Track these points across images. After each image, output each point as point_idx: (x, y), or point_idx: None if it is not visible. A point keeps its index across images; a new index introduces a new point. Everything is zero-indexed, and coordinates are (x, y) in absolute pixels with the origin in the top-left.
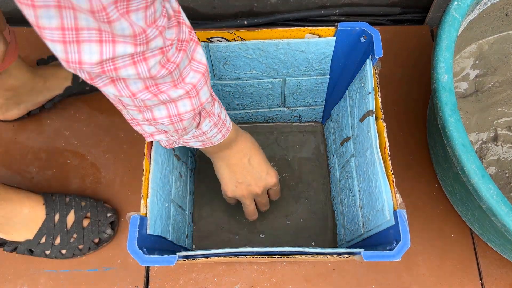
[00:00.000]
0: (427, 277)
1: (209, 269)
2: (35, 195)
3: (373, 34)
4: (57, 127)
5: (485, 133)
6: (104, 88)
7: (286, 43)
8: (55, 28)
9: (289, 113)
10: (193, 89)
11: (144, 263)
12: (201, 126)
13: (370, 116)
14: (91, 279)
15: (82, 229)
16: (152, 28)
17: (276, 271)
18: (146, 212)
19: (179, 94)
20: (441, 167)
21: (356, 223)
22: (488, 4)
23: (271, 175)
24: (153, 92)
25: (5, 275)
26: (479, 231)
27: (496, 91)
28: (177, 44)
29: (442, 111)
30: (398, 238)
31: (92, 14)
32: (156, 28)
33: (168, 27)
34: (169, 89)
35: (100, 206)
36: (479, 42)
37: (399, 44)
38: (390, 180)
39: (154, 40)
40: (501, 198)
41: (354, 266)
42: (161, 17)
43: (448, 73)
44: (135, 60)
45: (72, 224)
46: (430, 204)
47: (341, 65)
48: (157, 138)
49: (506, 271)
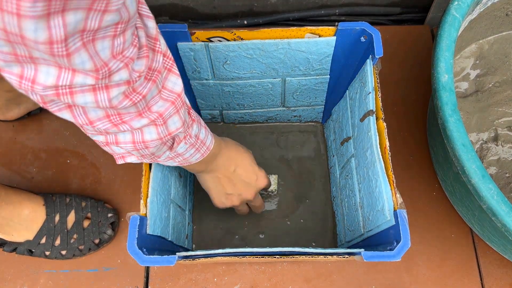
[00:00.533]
0: (427, 277)
1: (209, 269)
2: (35, 196)
3: (373, 34)
4: (57, 127)
5: (486, 133)
6: (59, 113)
7: (286, 43)
8: (6, 53)
9: (289, 113)
10: (159, 118)
11: (144, 263)
12: (176, 149)
13: (370, 116)
14: (91, 279)
15: (83, 229)
16: (116, 61)
17: (276, 271)
18: (146, 212)
19: (142, 124)
20: (441, 167)
21: (356, 223)
22: (488, 4)
23: (260, 179)
24: (113, 122)
25: (5, 275)
26: (479, 231)
27: (496, 91)
28: (146, 73)
29: (443, 111)
30: (398, 238)
31: (50, 45)
32: (122, 60)
33: (137, 57)
34: (132, 119)
35: (101, 207)
36: (480, 42)
37: (399, 44)
38: (391, 180)
39: (118, 73)
40: (502, 198)
41: (354, 266)
42: (130, 47)
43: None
44: (96, 87)
45: (72, 224)
46: (430, 204)
47: (341, 65)
48: (128, 160)
49: (507, 271)
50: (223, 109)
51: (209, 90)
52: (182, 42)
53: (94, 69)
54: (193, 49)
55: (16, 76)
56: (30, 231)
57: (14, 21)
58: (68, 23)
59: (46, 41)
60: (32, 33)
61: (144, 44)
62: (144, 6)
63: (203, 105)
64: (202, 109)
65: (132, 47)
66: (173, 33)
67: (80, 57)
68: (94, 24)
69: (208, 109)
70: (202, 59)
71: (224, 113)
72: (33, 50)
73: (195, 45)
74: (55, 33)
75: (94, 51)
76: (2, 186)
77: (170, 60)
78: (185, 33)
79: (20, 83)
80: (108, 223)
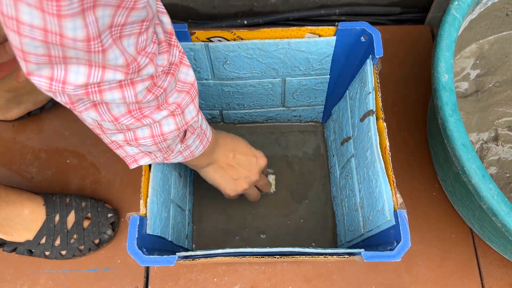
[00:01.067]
0: (427, 277)
1: (209, 269)
2: (36, 196)
3: (373, 34)
4: (57, 127)
5: (486, 133)
6: (85, 113)
7: (286, 43)
8: (41, 55)
9: (289, 113)
10: (178, 108)
11: (144, 263)
12: (187, 141)
13: (370, 116)
14: (91, 279)
15: (83, 229)
16: (142, 56)
17: (276, 271)
18: (145, 212)
19: (163, 116)
20: (442, 167)
21: (356, 223)
22: (488, 4)
23: (260, 157)
24: (135, 117)
25: (5, 275)
26: (480, 231)
27: (496, 91)
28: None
29: (443, 111)
30: (398, 238)
31: (88, 42)
32: (146, 55)
33: (159, 52)
34: (152, 112)
35: (101, 207)
36: (480, 42)
37: (399, 44)
38: (391, 180)
39: (146, 68)
40: (502, 198)
41: (354, 266)
42: (151, 43)
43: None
44: (122, 83)
45: (72, 224)
46: (431, 204)
47: (341, 64)
48: (141, 162)
49: (507, 271)
50: (223, 109)
51: (209, 90)
52: (182, 42)
53: (125, 64)
54: (193, 49)
55: (46, 78)
56: (30, 231)
57: (54, 21)
58: (98, 17)
59: (84, 38)
60: (71, 32)
61: (163, 40)
62: (159, 2)
63: (203, 105)
64: (202, 109)
65: (153, 44)
66: None
67: (113, 52)
68: (121, 19)
69: (208, 109)
70: (202, 59)
71: (224, 113)
72: (68, 50)
73: (195, 45)
74: (91, 30)
75: (122, 47)
76: (2, 186)
77: (181, 52)
78: (185, 33)
79: (51, 86)
80: (108, 223)
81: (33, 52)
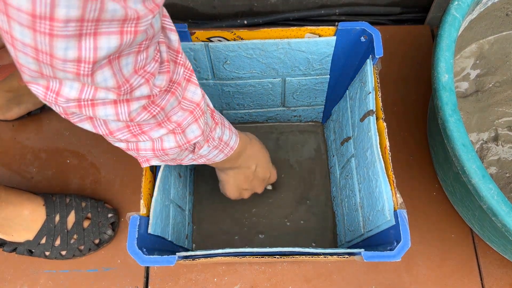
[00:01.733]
0: (427, 277)
1: (209, 269)
2: (35, 196)
3: (373, 34)
4: (57, 127)
5: (486, 133)
6: (80, 124)
7: (286, 43)
8: (34, 70)
9: (289, 113)
10: (177, 128)
11: (144, 263)
12: (198, 152)
13: (370, 116)
14: (91, 279)
15: (83, 230)
16: (138, 76)
17: (276, 271)
18: (146, 212)
19: (161, 134)
20: (442, 167)
21: (357, 223)
22: (488, 4)
23: (273, 176)
24: (133, 132)
25: (5, 275)
26: (480, 231)
27: (496, 91)
28: (167, 86)
29: (443, 111)
30: (398, 238)
31: (78, 63)
32: (143, 75)
33: (159, 72)
34: (151, 129)
35: (101, 207)
36: (480, 41)
37: (399, 44)
38: (391, 180)
39: (139, 89)
40: (502, 198)
41: (354, 266)
42: (152, 61)
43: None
44: (117, 100)
45: (72, 225)
46: (430, 204)
47: (341, 64)
48: (153, 162)
49: (507, 271)
50: (223, 109)
51: (209, 90)
52: (182, 42)
53: (116, 86)
54: (193, 49)
55: (43, 87)
56: (30, 231)
57: (45, 40)
58: (100, 47)
59: (75, 59)
60: (62, 52)
61: (166, 59)
62: (167, 19)
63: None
64: None
65: (154, 62)
66: None
67: (102, 75)
68: (127, 44)
69: None
70: (202, 59)
71: (224, 113)
72: (58, 72)
73: (195, 45)
74: (84, 54)
75: (118, 67)
76: (2, 187)
77: (189, 70)
78: (185, 33)
79: (46, 95)
80: (108, 223)
81: (26, 66)
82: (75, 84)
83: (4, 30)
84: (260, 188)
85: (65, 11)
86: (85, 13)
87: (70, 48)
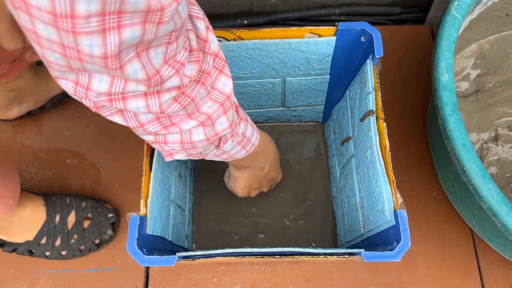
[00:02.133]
0: (427, 277)
1: (209, 269)
2: (36, 196)
3: (373, 34)
4: (57, 127)
5: (486, 133)
6: (110, 117)
7: (286, 43)
8: (62, 65)
9: (289, 113)
10: (207, 120)
11: (144, 263)
12: (223, 148)
13: (370, 116)
14: (91, 279)
15: (83, 230)
16: (167, 66)
17: (276, 271)
18: (146, 212)
19: (191, 126)
20: (442, 167)
21: (356, 223)
22: (488, 4)
23: (280, 177)
24: (163, 124)
25: (5, 275)
26: (480, 231)
27: (496, 91)
28: (197, 76)
29: (443, 111)
30: (398, 238)
31: (105, 59)
32: (173, 65)
33: (188, 61)
34: (181, 120)
35: (101, 207)
36: (480, 41)
37: (399, 44)
38: (391, 180)
39: (170, 80)
40: (502, 198)
41: (354, 266)
42: (182, 50)
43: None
44: (147, 92)
45: (72, 225)
46: (431, 204)
47: (341, 64)
48: (176, 157)
49: (507, 271)
50: None
51: None
52: None
53: (146, 78)
54: None
55: (72, 82)
56: (30, 231)
57: (70, 37)
58: (124, 39)
59: (101, 56)
60: (87, 48)
61: (195, 48)
62: (194, 7)
63: None
64: None
65: (184, 51)
66: None
67: (132, 68)
68: (150, 36)
69: None
70: None
71: None
72: (87, 64)
73: None
74: (110, 49)
75: (147, 59)
76: None
77: (221, 60)
78: None
79: (75, 90)
80: (109, 223)
81: (55, 63)
82: (105, 77)
83: (29, 29)
84: (266, 187)
85: (85, 6)
86: (105, 5)
87: (95, 46)
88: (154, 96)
